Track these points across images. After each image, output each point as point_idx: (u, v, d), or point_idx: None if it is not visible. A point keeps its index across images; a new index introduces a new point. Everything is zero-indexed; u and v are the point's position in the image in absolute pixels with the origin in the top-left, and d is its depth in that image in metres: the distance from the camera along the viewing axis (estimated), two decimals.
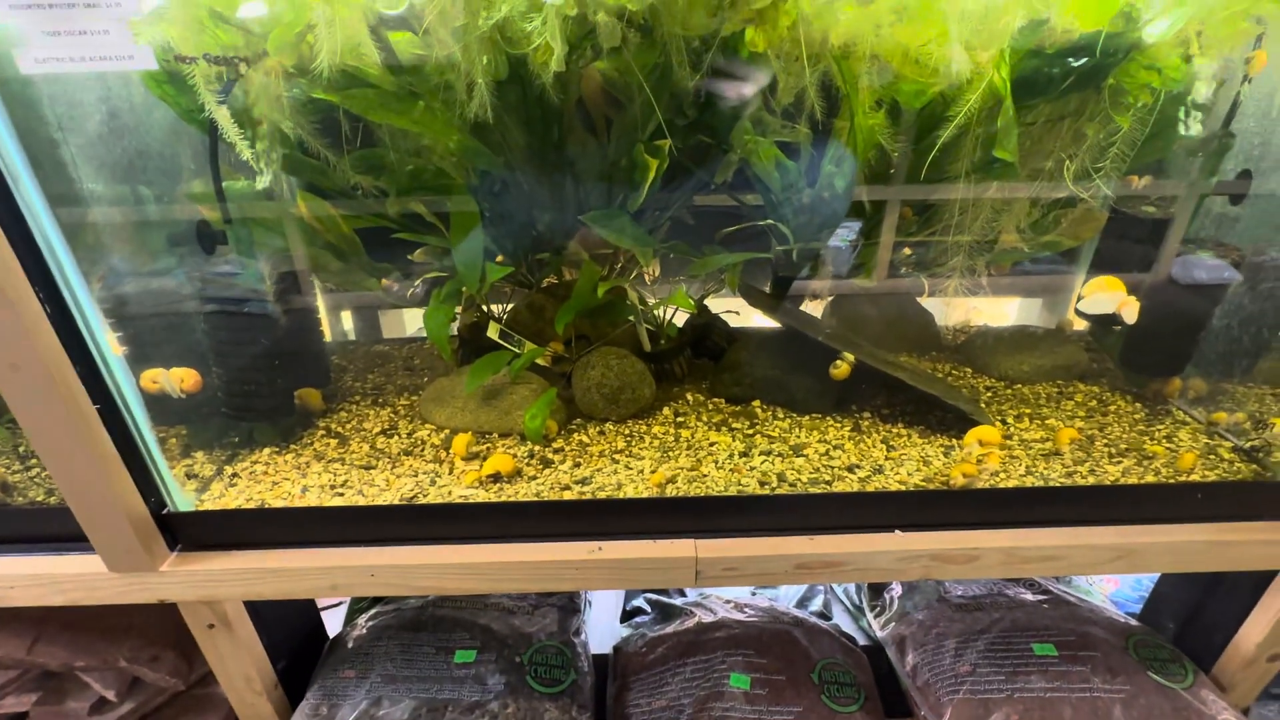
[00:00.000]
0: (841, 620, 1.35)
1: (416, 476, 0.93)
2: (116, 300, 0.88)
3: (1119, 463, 0.95)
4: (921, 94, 0.89)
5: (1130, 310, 0.88)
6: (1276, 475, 0.91)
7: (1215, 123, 0.92)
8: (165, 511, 0.85)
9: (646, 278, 1.16)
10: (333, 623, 1.28)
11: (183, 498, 0.88)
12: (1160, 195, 1.02)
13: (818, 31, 0.72)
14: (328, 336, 1.29)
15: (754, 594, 1.36)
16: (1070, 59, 0.83)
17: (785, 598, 1.39)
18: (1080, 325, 1.23)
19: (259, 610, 0.99)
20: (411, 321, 1.42)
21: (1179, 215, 1.02)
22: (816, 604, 1.39)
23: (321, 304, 1.22)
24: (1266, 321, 1.00)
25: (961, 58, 0.71)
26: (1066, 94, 0.88)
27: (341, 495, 0.90)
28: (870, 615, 1.30)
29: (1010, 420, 1.04)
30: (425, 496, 0.90)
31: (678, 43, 0.76)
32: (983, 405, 1.07)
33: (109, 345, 0.77)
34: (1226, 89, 0.89)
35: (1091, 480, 0.91)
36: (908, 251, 1.15)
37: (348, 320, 1.37)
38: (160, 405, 0.93)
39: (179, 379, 0.90)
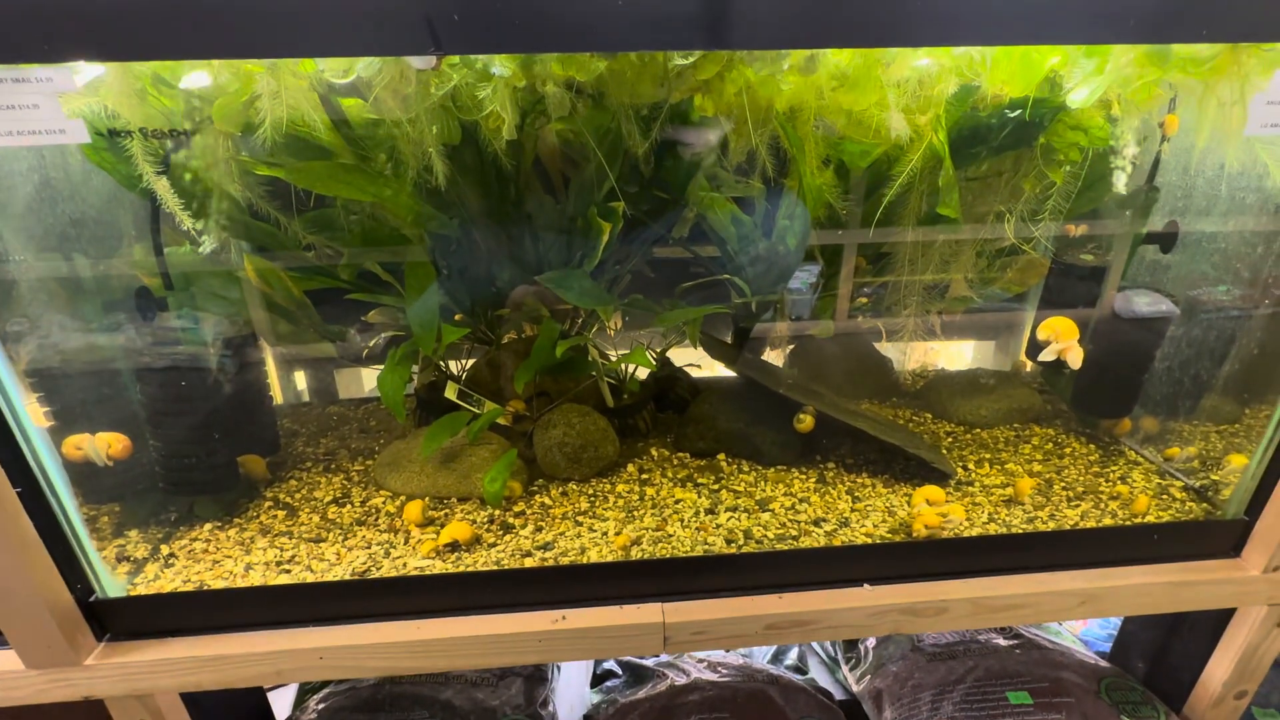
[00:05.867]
0: (818, 673, 1.31)
1: (370, 548, 0.89)
2: (42, 371, 0.83)
3: (1077, 506, 0.96)
4: (866, 154, 0.92)
5: (1074, 356, 0.91)
6: (1226, 514, 0.93)
7: (1141, 178, 0.97)
8: (93, 599, 0.79)
9: (609, 330, 1.15)
10: (281, 704, 1.19)
11: (113, 582, 0.82)
12: (1096, 244, 1.07)
13: (763, 99, 0.74)
14: (278, 398, 1.24)
15: (727, 651, 1.32)
16: (1002, 121, 0.87)
17: (759, 654, 1.35)
18: (1031, 367, 1.27)
19: (198, 700, 0.92)
20: (370, 379, 1.38)
21: (1116, 257, 1.07)
22: (792, 657, 1.36)
23: (271, 364, 1.18)
24: (1203, 362, 1.04)
25: (900, 122, 0.74)
26: (1002, 152, 0.92)
27: (288, 572, 0.85)
28: (846, 668, 1.27)
29: (971, 465, 1.05)
30: (379, 570, 0.85)
31: (627, 110, 0.78)
32: (944, 451, 1.08)
33: (30, 419, 0.72)
34: (1148, 146, 0.95)
35: (1052, 525, 0.92)
36: (864, 300, 1.18)
37: (301, 380, 1.33)
38: (90, 482, 0.88)
39: (105, 444, 0.85)
